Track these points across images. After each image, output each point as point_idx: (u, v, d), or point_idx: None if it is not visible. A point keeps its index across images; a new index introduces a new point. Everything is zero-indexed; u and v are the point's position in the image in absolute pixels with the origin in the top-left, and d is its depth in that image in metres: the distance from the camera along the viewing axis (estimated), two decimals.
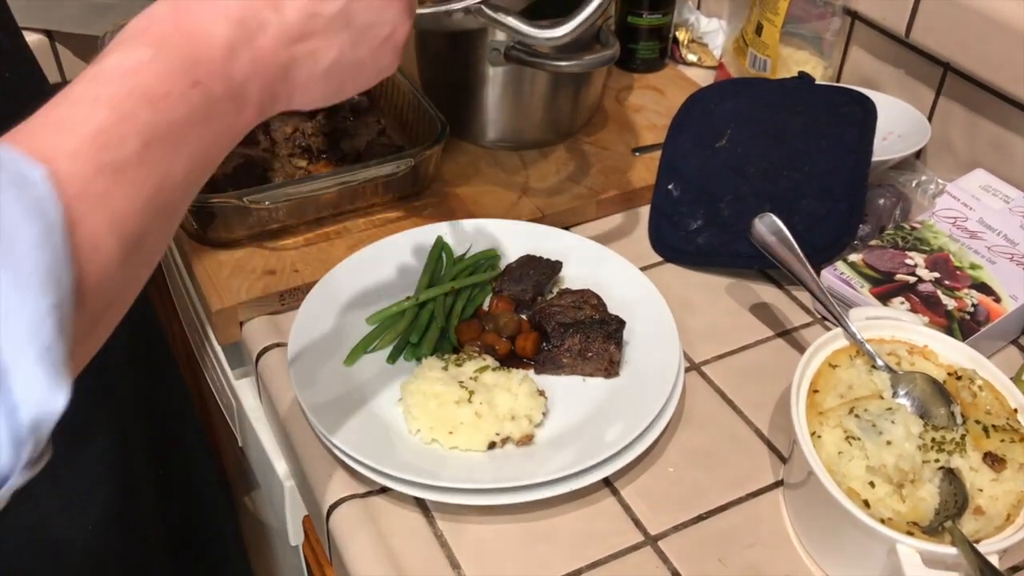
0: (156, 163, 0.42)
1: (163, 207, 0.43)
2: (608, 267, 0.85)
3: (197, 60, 0.45)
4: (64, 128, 0.40)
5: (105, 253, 0.39)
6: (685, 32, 1.22)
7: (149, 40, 0.45)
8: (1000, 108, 0.91)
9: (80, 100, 0.42)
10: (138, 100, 0.42)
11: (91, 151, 0.40)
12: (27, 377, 0.34)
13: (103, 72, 0.43)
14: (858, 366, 0.69)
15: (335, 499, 0.69)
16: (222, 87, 0.46)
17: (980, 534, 0.59)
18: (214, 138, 0.46)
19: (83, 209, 0.38)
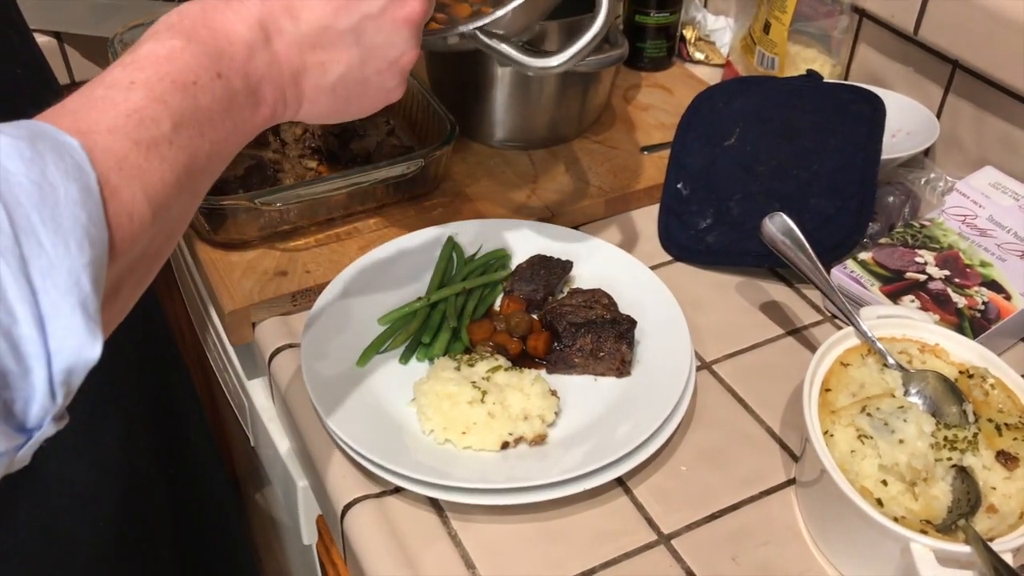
0: (184, 145, 0.46)
1: (189, 186, 0.47)
2: (618, 266, 0.85)
3: (221, 54, 0.49)
4: (103, 107, 0.43)
5: (138, 220, 0.42)
6: (692, 30, 1.22)
7: (179, 32, 0.48)
8: (1009, 105, 0.91)
9: (117, 83, 0.45)
10: (170, 85, 0.46)
11: (128, 128, 0.43)
12: (65, 326, 0.36)
13: (138, 59, 0.46)
14: (870, 365, 0.69)
15: (349, 499, 0.70)
16: (241, 82, 0.50)
17: (993, 532, 0.59)
18: (233, 129, 0.50)
19: (120, 179, 0.41)
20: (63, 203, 0.37)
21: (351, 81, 0.56)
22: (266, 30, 0.52)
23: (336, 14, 0.54)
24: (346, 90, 0.57)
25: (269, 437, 0.86)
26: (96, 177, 0.40)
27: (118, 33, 1.06)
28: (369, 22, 0.55)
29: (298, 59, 0.53)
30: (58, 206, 0.37)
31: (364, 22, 0.55)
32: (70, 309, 0.36)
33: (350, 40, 0.55)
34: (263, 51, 0.51)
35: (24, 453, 0.37)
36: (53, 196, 0.37)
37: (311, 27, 0.53)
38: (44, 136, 0.39)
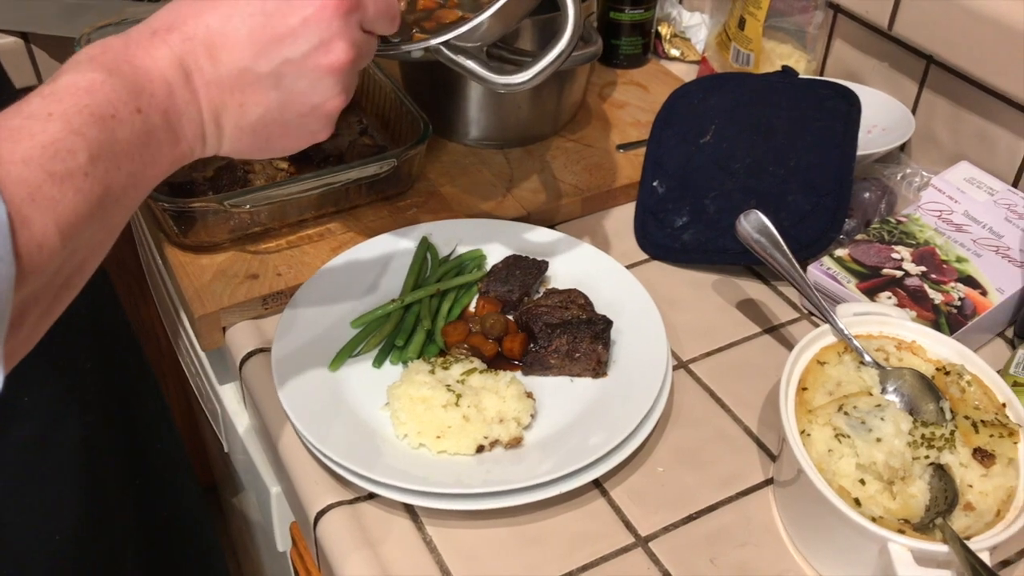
0: (100, 177, 0.46)
1: (102, 217, 0.47)
2: (594, 266, 0.84)
3: (141, 90, 0.49)
4: (18, 137, 0.43)
5: (48, 251, 0.43)
6: (668, 27, 1.21)
7: (100, 66, 0.48)
8: (983, 100, 0.91)
9: (34, 114, 0.45)
10: (88, 117, 0.46)
11: (42, 159, 0.43)
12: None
13: (57, 90, 0.46)
14: (846, 363, 0.69)
15: (322, 506, 0.69)
16: (160, 119, 0.50)
17: (971, 530, 0.59)
18: (151, 162, 0.50)
19: (32, 210, 0.42)
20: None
21: (271, 123, 0.56)
22: (186, 69, 0.52)
23: (255, 57, 0.53)
24: (266, 131, 0.56)
25: (242, 443, 0.85)
26: (6, 210, 0.40)
27: (85, 33, 1.04)
28: (289, 67, 0.54)
29: (218, 99, 0.53)
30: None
31: (284, 67, 0.54)
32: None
33: (269, 84, 0.54)
34: (182, 89, 0.52)
35: None
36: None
37: (229, 69, 0.53)
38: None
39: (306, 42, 0.54)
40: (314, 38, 0.54)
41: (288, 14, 0.53)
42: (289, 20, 0.53)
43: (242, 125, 0.55)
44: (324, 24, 0.54)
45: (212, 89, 0.53)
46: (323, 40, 0.54)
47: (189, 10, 0.53)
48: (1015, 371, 0.73)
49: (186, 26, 0.52)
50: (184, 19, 0.52)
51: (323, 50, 0.55)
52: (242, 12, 0.53)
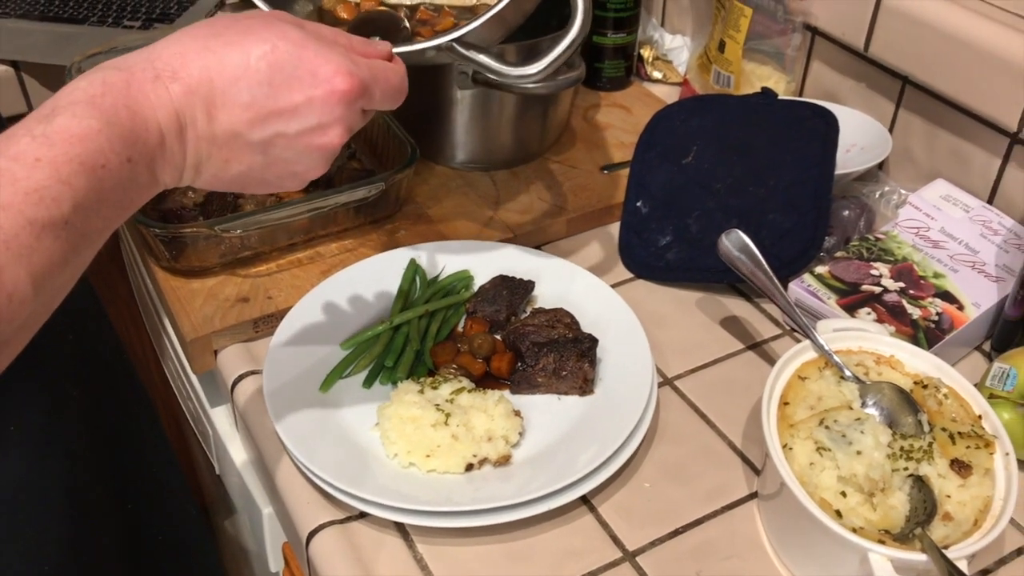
0: (80, 224, 0.45)
1: (75, 261, 0.46)
2: (580, 285, 0.86)
3: (135, 140, 0.48)
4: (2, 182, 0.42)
5: (19, 300, 0.42)
6: (650, 50, 1.24)
7: (99, 110, 0.47)
8: (957, 119, 0.93)
9: (22, 157, 0.44)
10: (78, 167, 0.45)
11: (24, 206, 0.42)
12: None
13: (50, 134, 0.45)
14: (827, 377, 0.70)
15: (314, 525, 0.69)
16: (145, 167, 0.50)
17: (949, 540, 0.60)
18: (127, 205, 0.50)
19: (7, 258, 0.41)
20: None
21: (250, 179, 0.56)
22: (182, 122, 0.51)
23: (250, 125, 0.53)
24: (243, 183, 0.57)
25: (233, 464, 0.86)
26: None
27: (75, 61, 1.06)
28: (281, 139, 0.54)
29: (205, 151, 0.53)
30: None
31: (276, 139, 0.54)
32: None
33: (257, 149, 0.54)
34: (174, 141, 0.51)
35: None
36: None
37: (223, 129, 0.53)
38: None
39: (304, 121, 0.54)
40: (312, 119, 0.54)
41: (294, 90, 0.53)
42: (293, 97, 0.53)
43: (222, 176, 0.55)
44: (327, 108, 0.54)
45: (202, 143, 0.52)
46: (321, 123, 0.54)
47: (196, 54, 0.51)
48: (991, 383, 0.74)
49: (191, 76, 0.51)
50: (189, 64, 0.51)
51: (319, 131, 0.55)
52: (249, 78, 0.52)
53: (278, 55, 0.52)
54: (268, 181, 0.57)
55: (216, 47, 0.52)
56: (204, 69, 0.51)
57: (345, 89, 0.54)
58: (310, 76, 0.53)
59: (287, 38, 0.53)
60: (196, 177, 0.54)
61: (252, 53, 0.52)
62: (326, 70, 0.53)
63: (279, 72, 0.52)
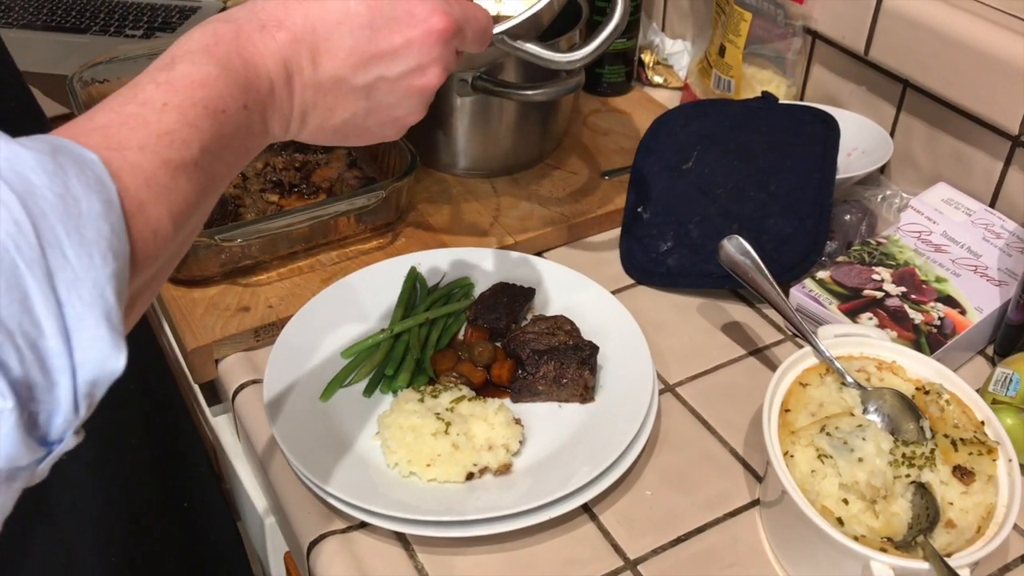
0: (207, 167, 0.47)
1: (205, 205, 0.49)
2: (581, 292, 0.86)
3: (249, 86, 0.50)
4: (134, 124, 0.44)
5: (162, 237, 0.43)
6: (650, 54, 1.23)
7: (215, 58, 0.49)
8: (959, 122, 0.93)
9: (150, 102, 0.45)
10: (202, 111, 0.47)
11: (158, 148, 0.44)
12: (91, 337, 0.36)
13: (173, 80, 0.47)
14: (828, 384, 0.70)
15: (315, 535, 0.69)
16: (259, 115, 0.51)
17: (952, 547, 0.60)
18: (244, 154, 0.52)
19: (149, 196, 0.42)
20: (86, 215, 0.38)
21: (352, 127, 0.58)
22: (289, 70, 0.52)
23: (354, 69, 0.54)
24: (345, 132, 0.58)
25: (236, 474, 0.86)
26: (117, 190, 0.40)
27: (77, 71, 1.06)
28: (383, 83, 0.56)
29: (310, 100, 0.54)
30: (81, 218, 0.37)
31: (378, 82, 0.55)
32: (95, 321, 0.36)
33: (361, 94, 0.56)
34: (282, 89, 0.52)
35: (44, 467, 0.37)
36: (76, 208, 0.37)
37: (328, 75, 0.54)
38: (64, 150, 0.39)
39: (404, 63, 0.55)
40: (412, 61, 0.55)
41: (393, 32, 0.54)
42: (393, 39, 0.54)
43: (325, 125, 0.56)
44: (426, 48, 0.55)
45: (308, 91, 0.54)
46: (420, 64, 0.56)
47: (297, 3, 0.53)
48: (994, 389, 0.74)
49: (295, 24, 0.52)
50: (292, 13, 0.52)
51: (418, 72, 0.56)
52: (351, 22, 0.53)
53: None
54: (370, 129, 0.58)
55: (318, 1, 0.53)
56: (306, 17, 0.52)
57: (442, 28, 0.55)
58: (408, 17, 0.54)
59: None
60: (302, 127, 0.56)
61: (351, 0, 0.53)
62: (422, 10, 0.55)
63: (378, 15, 0.54)
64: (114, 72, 1.10)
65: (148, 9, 1.36)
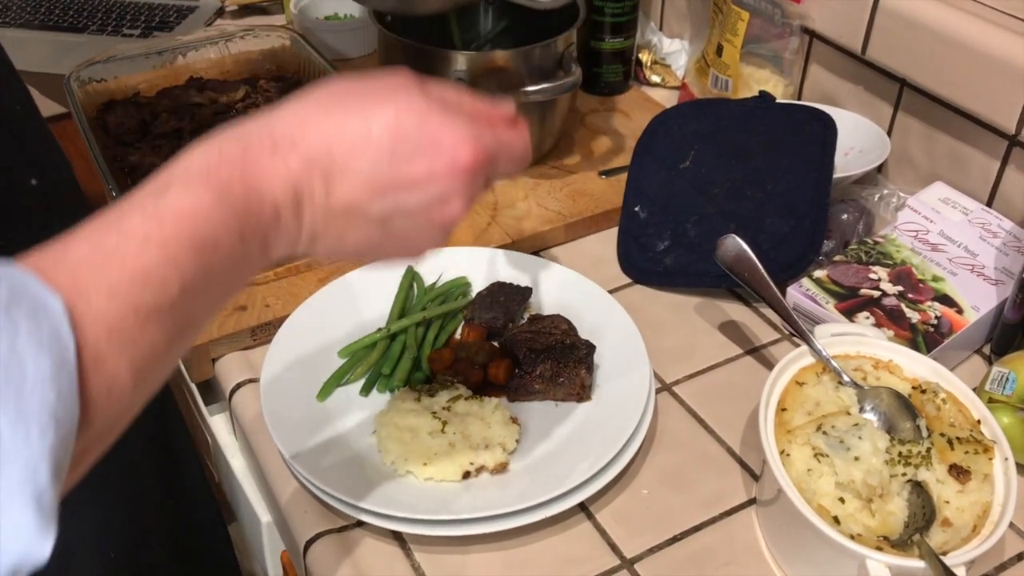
0: (185, 308, 0.42)
1: (179, 347, 0.44)
2: (577, 291, 0.86)
3: (248, 215, 0.45)
4: (109, 263, 0.40)
5: (118, 393, 0.39)
6: (648, 54, 1.23)
7: (213, 184, 0.44)
8: (956, 121, 0.93)
9: (132, 234, 0.41)
10: (188, 247, 0.42)
11: (130, 292, 0.40)
12: (15, 525, 0.34)
13: (161, 210, 0.42)
14: (825, 383, 0.70)
15: (312, 534, 0.69)
16: (258, 244, 0.47)
17: (948, 546, 0.60)
18: (235, 284, 0.48)
19: (109, 348, 0.38)
20: (31, 381, 0.34)
21: (367, 250, 0.53)
22: (298, 195, 0.48)
23: (370, 198, 0.49)
24: (359, 255, 0.54)
25: (232, 473, 0.86)
26: (75, 346, 0.37)
27: (74, 71, 1.06)
28: (400, 213, 0.50)
29: (321, 226, 0.49)
30: (24, 384, 0.34)
31: (396, 212, 0.50)
32: (21, 506, 0.34)
33: (375, 223, 0.51)
34: (289, 215, 0.48)
35: None
36: (20, 372, 0.34)
37: (341, 202, 0.49)
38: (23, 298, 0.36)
39: (425, 194, 0.50)
40: (434, 193, 0.50)
41: (416, 162, 0.49)
42: (415, 168, 0.49)
43: (336, 248, 0.52)
44: (449, 181, 0.50)
45: (318, 216, 0.49)
46: (443, 196, 0.51)
47: (316, 121, 0.48)
48: (991, 388, 0.74)
49: (310, 145, 0.47)
50: (308, 133, 0.48)
51: (439, 205, 0.51)
52: (371, 147, 0.48)
53: (401, 125, 0.49)
54: (386, 252, 0.54)
55: (337, 114, 0.49)
56: (323, 138, 0.48)
57: (469, 161, 0.50)
58: (433, 147, 0.49)
59: (411, 106, 0.49)
60: (311, 248, 0.51)
61: (374, 122, 0.49)
62: (450, 140, 0.50)
63: (401, 143, 0.49)
64: (111, 71, 1.10)
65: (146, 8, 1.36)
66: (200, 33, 1.16)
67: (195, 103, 1.08)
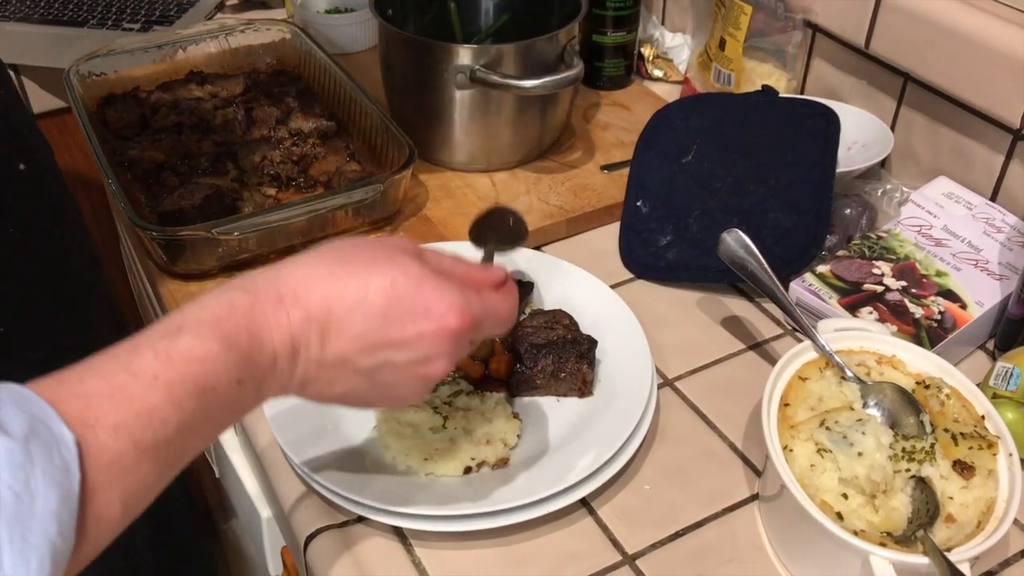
0: (180, 445, 0.46)
1: (168, 478, 0.47)
2: (579, 286, 0.85)
3: (248, 361, 0.50)
4: (119, 399, 0.43)
5: (106, 523, 0.42)
6: (650, 48, 1.23)
7: (221, 333, 0.48)
8: (959, 116, 0.92)
9: (142, 373, 0.45)
10: (191, 389, 0.46)
11: (134, 427, 0.43)
12: None
13: (172, 351, 0.46)
14: (828, 378, 0.70)
15: (312, 530, 0.69)
16: (254, 387, 0.51)
17: (952, 542, 0.60)
18: (227, 423, 0.51)
19: (104, 480, 0.42)
20: (39, 515, 0.37)
21: (352, 398, 0.57)
22: (296, 347, 0.52)
23: (360, 353, 0.54)
24: (344, 401, 0.58)
25: (233, 468, 0.85)
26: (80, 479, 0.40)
27: (73, 65, 1.06)
28: (388, 367, 0.55)
29: (312, 373, 0.54)
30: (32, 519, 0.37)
31: (383, 366, 0.55)
32: None
33: (364, 375, 0.55)
34: (286, 365, 0.52)
35: None
36: (30, 507, 0.37)
37: (333, 355, 0.54)
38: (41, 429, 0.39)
39: (412, 353, 0.55)
40: (421, 352, 0.55)
41: (407, 324, 0.54)
42: (406, 330, 0.54)
43: (324, 393, 0.56)
44: (436, 342, 0.55)
45: (311, 366, 0.54)
46: (428, 356, 0.55)
47: (320, 281, 0.53)
48: (994, 383, 0.74)
49: (311, 301, 0.52)
50: (311, 290, 0.52)
51: (424, 363, 0.56)
52: (366, 308, 0.53)
53: (396, 289, 0.54)
54: (369, 401, 0.58)
55: (340, 275, 0.53)
56: (324, 296, 0.52)
57: (456, 326, 0.55)
58: (424, 311, 0.54)
59: (406, 273, 0.54)
60: (300, 392, 0.56)
61: (371, 285, 0.53)
62: (440, 307, 0.54)
63: (395, 306, 0.54)
64: (111, 65, 1.10)
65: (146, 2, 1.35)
66: (200, 27, 1.16)
67: (195, 97, 1.08)
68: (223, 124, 1.04)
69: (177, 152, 0.99)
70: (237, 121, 1.04)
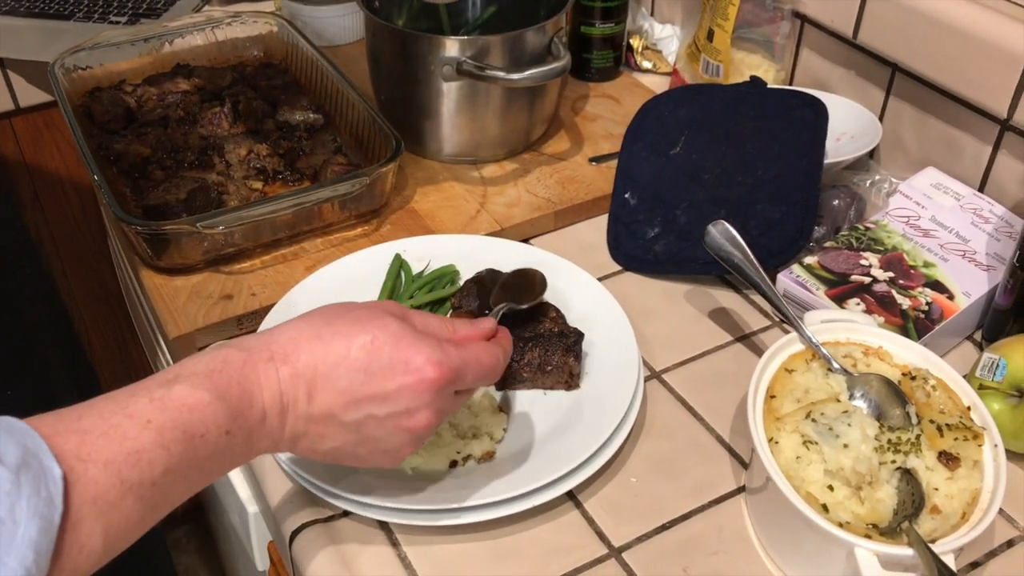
0: (166, 487, 0.48)
1: (152, 520, 0.49)
2: (566, 279, 0.85)
3: (238, 414, 0.53)
4: (112, 437, 0.46)
5: (87, 553, 0.44)
6: (639, 39, 1.22)
7: (214, 385, 0.52)
8: (948, 107, 0.92)
9: (136, 416, 0.48)
10: (180, 435, 0.49)
11: (123, 465, 0.46)
12: None
13: (166, 398, 0.50)
14: (814, 370, 0.70)
15: (298, 524, 0.69)
16: (243, 440, 0.54)
17: (937, 533, 0.60)
18: (216, 471, 0.53)
19: (89, 513, 0.44)
20: (18, 542, 0.40)
21: (344, 453, 0.60)
22: (284, 403, 0.55)
23: (344, 408, 0.57)
24: (336, 456, 0.60)
25: None
26: (62, 512, 0.42)
27: (59, 58, 1.05)
28: (372, 421, 0.58)
29: (301, 429, 0.57)
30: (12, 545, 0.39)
31: (368, 420, 0.58)
32: None
33: (350, 429, 0.58)
34: (275, 418, 0.55)
35: None
36: (11, 534, 0.40)
37: (320, 410, 0.57)
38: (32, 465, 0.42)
39: (394, 406, 0.58)
40: (402, 405, 0.58)
41: (387, 378, 0.57)
42: (386, 384, 0.57)
43: (316, 449, 0.59)
44: (416, 395, 0.58)
45: (300, 421, 0.57)
46: (410, 408, 0.58)
47: (307, 341, 0.56)
48: (981, 374, 0.74)
49: (299, 360, 0.56)
50: (299, 350, 0.56)
51: (407, 415, 0.58)
52: (349, 364, 0.56)
53: (376, 346, 0.57)
54: (361, 456, 0.60)
55: (326, 336, 0.57)
56: (311, 355, 0.56)
57: (434, 378, 0.58)
58: (403, 365, 0.57)
59: (387, 330, 0.58)
60: (293, 448, 0.58)
61: (354, 343, 0.57)
62: (417, 360, 0.57)
63: (375, 361, 0.57)
64: (97, 59, 1.09)
65: None
66: (187, 20, 1.15)
67: (182, 90, 1.07)
68: (210, 117, 1.03)
69: (163, 146, 0.98)
70: (224, 114, 1.03)
